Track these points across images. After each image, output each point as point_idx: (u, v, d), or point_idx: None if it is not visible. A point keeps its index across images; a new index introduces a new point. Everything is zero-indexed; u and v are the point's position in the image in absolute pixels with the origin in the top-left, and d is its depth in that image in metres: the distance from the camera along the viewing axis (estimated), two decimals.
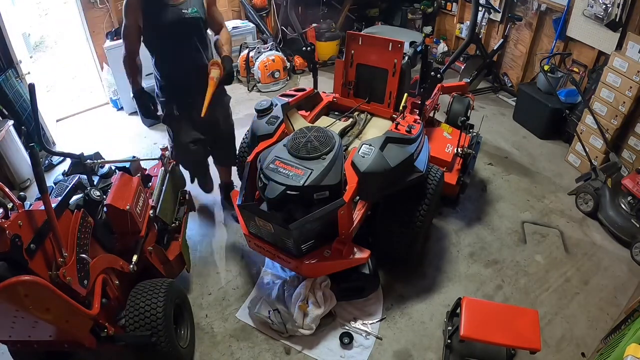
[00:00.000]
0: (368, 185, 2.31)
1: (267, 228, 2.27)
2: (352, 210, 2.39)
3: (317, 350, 2.35)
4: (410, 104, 2.98)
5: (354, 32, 3.08)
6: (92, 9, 4.33)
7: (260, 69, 4.87)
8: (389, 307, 2.55)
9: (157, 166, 2.86)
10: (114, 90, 4.63)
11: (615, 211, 2.97)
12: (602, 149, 3.40)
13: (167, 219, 2.52)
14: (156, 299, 2.02)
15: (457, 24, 5.37)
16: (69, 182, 2.17)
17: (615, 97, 3.22)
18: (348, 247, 2.31)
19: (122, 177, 2.24)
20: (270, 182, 2.21)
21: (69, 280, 1.65)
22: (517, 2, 4.51)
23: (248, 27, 5.11)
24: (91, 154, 2.58)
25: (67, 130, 4.48)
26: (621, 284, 2.71)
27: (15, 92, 3.77)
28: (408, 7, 5.71)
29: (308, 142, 2.31)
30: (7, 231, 1.47)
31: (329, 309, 2.44)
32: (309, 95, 3.14)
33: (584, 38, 3.81)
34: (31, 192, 3.49)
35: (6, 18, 3.62)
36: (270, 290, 2.56)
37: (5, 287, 1.41)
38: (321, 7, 5.49)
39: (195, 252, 2.96)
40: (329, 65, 5.34)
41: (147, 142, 4.24)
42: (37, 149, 1.64)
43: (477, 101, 4.52)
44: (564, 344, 2.37)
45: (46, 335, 1.75)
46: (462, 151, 3.03)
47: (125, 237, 2.20)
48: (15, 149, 3.54)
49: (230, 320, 2.52)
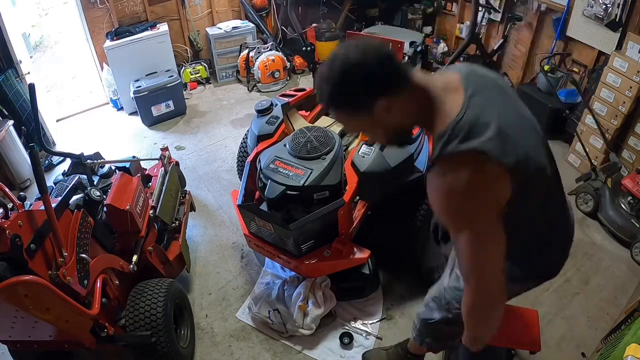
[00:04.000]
0: (368, 185, 2.31)
1: (267, 228, 2.27)
2: (352, 210, 2.39)
3: (317, 350, 2.35)
4: None
5: (354, 32, 3.09)
6: (92, 9, 4.33)
7: (260, 69, 4.87)
8: (389, 307, 2.55)
9: (157, 166, 2.86)
10: (114, 90, 4.63)
11: (615, 211, 2.96)
12: (602, 149, 3.40)
13: (167, 219, 2.52)
14: (156, 299, 2.02)
15: (457, 24, 5.36)
16: (69, 182, 2.17)
17: (615, 97, 3.22)
18: (348, 247, 2.31)
19: (122, 177, 2.24)
20: (270, 182, 2.21)
21: (69, 280, 1.65)
22: (517, 2, 4.50)
23: (248, 27, 5.11)
24: (91, 154, 2.58)
25: (67, 130, 4.48)
26: (621, 284, 2.71)
27: (15, 92, 3.77)
28: (408, 7, 5.70)
29: (308, 142, 2.32)
30: (7, 231, 1.47)
31: (329, 309, 2.43)
32: (309, 95, 3.14)
33: (584, 38, 3.81)
34: (31, 192, 3.48)
35: (6, 18, 3.61)
36: (270, 290, 2.56)
37: (5, 287, 1.41)
38: (321, 7, 5.48)
39: (195, 252, 2.96)
40: None
41: (147, 142, 4.24)
42: (37, 149, 1.65)
43: None
44: (564, 344, 2.36)
45: (46, 335, 1.75)
46: None
47: (125, 237, 2.20)
48: (15, 149, 3.54)
49: (230, 320, 2.52)
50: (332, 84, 1.03)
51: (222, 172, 3.74)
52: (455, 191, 0.97)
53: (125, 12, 4.56)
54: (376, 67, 1.00)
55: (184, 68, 5.04)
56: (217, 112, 4.66)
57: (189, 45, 5.13)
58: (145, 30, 4.46)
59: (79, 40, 4.79)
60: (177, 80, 4.41)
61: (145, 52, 4.43)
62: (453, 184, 0.97)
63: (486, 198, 0.98)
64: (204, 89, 5.13)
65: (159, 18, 4.73)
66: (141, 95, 4.23)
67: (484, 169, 0.96)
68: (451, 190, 0.98)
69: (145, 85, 4.27)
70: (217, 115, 4.60)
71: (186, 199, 2.91)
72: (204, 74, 5.13)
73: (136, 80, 4.35)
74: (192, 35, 5.07)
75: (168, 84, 4.32)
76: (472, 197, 0.97)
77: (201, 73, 5.11)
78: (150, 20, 4.64)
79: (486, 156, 0.95)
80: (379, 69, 1.01)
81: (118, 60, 4.36)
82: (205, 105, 4.80)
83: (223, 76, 5.27)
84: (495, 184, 0.98)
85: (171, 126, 4.45)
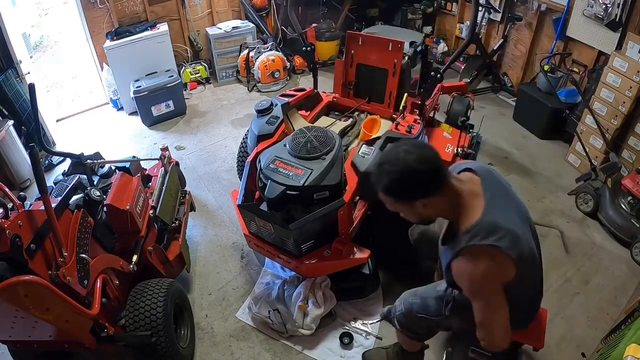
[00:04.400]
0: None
1: (267, 228, 2.27)
2: (352, 210, 2.39)
3: (317, 350, 2.35)
4: (410, 104, 2.97)
5: (354, 32, 3.08)
6: (92, 9, 4.33)
7: (260, 69, 4.87)
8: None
9: (157, 166, 2.86)
10: (114, 90, 4.63)
11: (615, 211, 2.96)
12: (602, 149, 3.40)
13: (167, 219, 2.52)
14: (156, 299, 2.02)
15: (457, 24, 5.37)
16: (69, 182, 2.17)
17: (615, 97, 3.22)
18: (348, 247, 2.31)
19: (122, 177, 2.24)
20: (270, 182, 2.21)
21: (69, 280, 1.65)
22: (517, 2, 4.50)
23: (248, 27, 5.11)
24: (91, 154, 2.58)
25: (67, 130, 4.48)
26: (621, 284, 2.71)
27: (15, 92, 3.77)
28: (408, 7, 5.71)
29: (308, 142, 2.32)
30: (7, 231, 1.47)
31: (329, 309, 2.43)
32: (309, 95, 3.14)
33: (584, 38, 3.81)
34: (31, 192, 3.48)
35: (6, 18, 3.61)
36: (270, 290, 2.56)
37: (5, 287, 1.41)
38: (321, 7, 5.48)
39: (195, 252, 2.96)
40: (329, 65, 5.33)
41: (147, 142, 4.24)
42: (37, 149, 1.65)
43: (477, 101, 4.52)
44: (564, 344, 2.36)
45: (46, 335, 1.75)
46: (462, 151, 3.03)
47: (125, 237, 2.20)
48: (16, 149, 3.54)
49: (230, 320, 2.52)
50: (390, 180, 1.35)
51: (222, 172, 3.74)
52: (476, 275, 1.35)
53: (125, 12, 4.56)
54: (427, 177, 1.33)
55: (184, 68, 5.04)
56: (217, 112, 4.66)
57: (189, 45, 5.13)
58: (145, 30, 4.46)
59: (79, 40, 4.78)
60: (177, 80, 4.41)
61: (145, 52, 4.43)
62: (475, 269, 1.35)
63: (495, 279, 1.36)
64: (204, 89, 5.14)
65: (159, 18, 4.74)
66: (141, 95, 4.23)
67: (495, 258, 1.33)
68: (473, 274, 1.36)
69: (145, 85, 4.27)
70: (217, 115, 4.61)
71: (186, 199, 2.91)
72: (204, 74, 5.13)
73: (136, 80, 4.35)
74: (192, 35, 5.07)
75: (168, 84, 4.33)
76: (487, 279, 1.36)
77: (201, 73, 5.11)
78: (150, 20, 4.64)
79: (498, 249, 1.32)
80: (428, 179, 1.34)
81: (118, 60, 4.36)
82: (205, 105, 4.80)
83: (223, 76, 5.27)
84: (503, 270, 1.35)
85: (171, 126, 4.45)
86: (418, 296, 1.81)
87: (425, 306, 1.77)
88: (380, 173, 1.38)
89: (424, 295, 1.80)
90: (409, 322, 1.83)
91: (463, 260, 1.37)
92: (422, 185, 1.34)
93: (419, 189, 1.35)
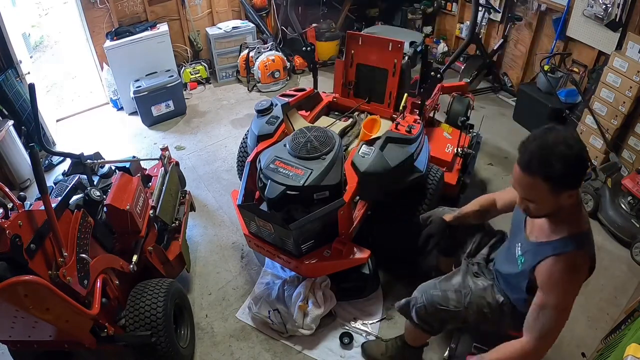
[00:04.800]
0: (368, 185, 2.31)
1: (267, 228, 2.27)
2: (352, 210, 2.39)
3: (317, 350, 2.35)
4: (410, 104, 2.98)
5: (354, 32, 3.08)
6: (92, 9, 4.33)
7: (260, 69, 4.87)
8: (389, 307, 2.55)
9: (157, 166, 2.86)
10: (114, 90, 4.63)
11: (615, 211, 2.96)
12: (602, 149, 3.40)
13: (167, 219, 2.52)
14: (156, 299, 2.02)
15: (457, 24, 5.37)
16: (69, 182, 2.17)
17: (615, 97, 3.22)
18: (348, 247, 2.31)
19: (122, 177, 2.24)
20: (270, 182, 2.21)
21: (69, 280, 1.65)
22: (517, 2, 4.50)
23: (248, 27, 5.11)
24: (91, 154, 2.58)
25: (67, 130, 4.48)
26: (621, 284, 2.71)
27: (15, 92, 3.77)
28: (408, 7, 5.71)
29: (308, 142, 2.31)
30: (7, 231, 1.47)
31: (329, 309, 2.43)
32: (309, 95, 3.14)
33: (584, 38, 3.81)
34: (31, 192, 3.48)
35: (6, 18, 3.61)
36: (270, 290, 2.56)
37: (5, 287, 1.40)
38: (321, 7, 5.48)
39: (195, 252, 2.96)
40: (329, 65, 5.34)
41: (147, 142, 4.24)
42: (37, 149, 1.65)
43: (477, 101, 4.52)
44: (564, 344, 2.36)
45: (46, 335, 1.75)
46: (462, 151, 3.03)
47: (125, 237, 2.20)
48: (15, 149, 3.54)
49: (230, 320, 2.52)
50: (566, 163, 1.26)
51: (222, 172, 3.74)
52: (574, 280, 1.44)
53: (125, 12, 4.56)
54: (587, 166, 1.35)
55: (184, 68, 5.04)
56: (217, 112, 4.66)
57: (189, 45, 5.13)
58: (145, 30, 4.46)
59: (79, 40, 4.78)
60: (177, 80, 4.41)
61: (145, 52, 4.43)
62: (576, 276, 1.43)
63: (579, 286, 1.46)
64: (204, 89, 5.14)
65: (159, 18, 4.74)
66: (141, 95, 4.24)
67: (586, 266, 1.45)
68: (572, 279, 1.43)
69: (145, 85, 4.27)
70: (217, 115, 4.61)
71: (186, 199, 2.91)
72: (204, 74, 5.13)
73: (136, 80, 4.35)
74: (192, 35, 5.07)
75: (168, 84, 4.33)
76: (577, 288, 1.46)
77: (201, 73, 5.11)
78: (150, 20, 4.64)
79: (592, 266, 1.47)
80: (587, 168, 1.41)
81: (118, 60, 4.36)
82: (205, 105, 4.80)
83: (223, 76, 5.27)
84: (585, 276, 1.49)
85: (171, 126, 4.45)
86: (439, 289, 1.83)
87: (446, 298, 1.79)
88: (551, 155, 1.27)
89: (444, 288, 1.82)
90: (428, 314, 1.83)
91: (567, 261, 1.40)
92: (585, 174, 1.36)
93: (582, 176, 1.35)
